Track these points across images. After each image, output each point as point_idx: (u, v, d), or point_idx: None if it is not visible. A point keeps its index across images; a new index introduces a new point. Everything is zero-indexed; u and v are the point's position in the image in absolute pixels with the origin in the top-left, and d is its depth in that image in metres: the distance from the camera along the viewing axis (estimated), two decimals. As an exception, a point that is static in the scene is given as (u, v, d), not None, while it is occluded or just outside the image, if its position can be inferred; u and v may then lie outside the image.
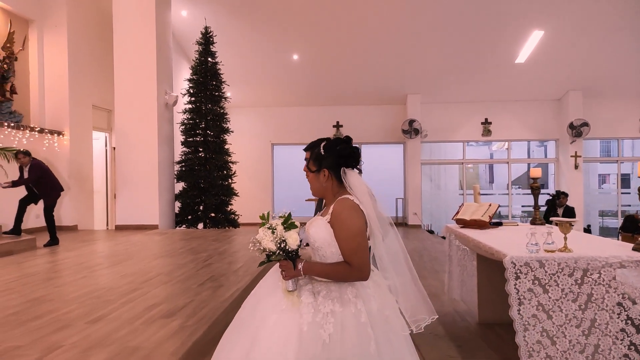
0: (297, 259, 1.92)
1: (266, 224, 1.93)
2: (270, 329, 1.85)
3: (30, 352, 2.63)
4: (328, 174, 2.03)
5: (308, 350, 1.80)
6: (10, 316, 3.38)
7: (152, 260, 5.82)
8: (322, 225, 1.96)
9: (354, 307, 1.87)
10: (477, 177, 18.25)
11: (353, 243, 1.91)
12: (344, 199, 1.96)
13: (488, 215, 4.25)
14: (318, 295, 1.92)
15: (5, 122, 8.13)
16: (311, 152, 2.07)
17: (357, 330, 1.83)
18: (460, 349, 3.68)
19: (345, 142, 2.07)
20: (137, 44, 9.53)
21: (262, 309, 1.92)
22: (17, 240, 6.47)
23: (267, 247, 1.89)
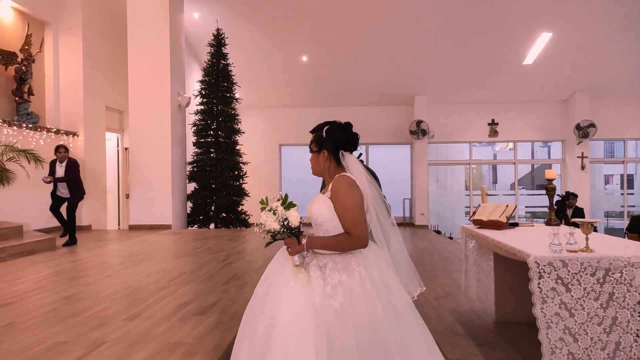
0: (300, 235, 2.08)
1: (267, 207, 2.08)
2: (285, 306, 2.00)
3: (76, 348, 2.75)
4: (327, 155, 2.22)
5: (323, 320, 1.95)
6: (48, 313, 3.50)
7: (173, 259, 5.94)
8: (323, 201, 2.14)
9: (359, 276, 2.03)
10: (481, 177, 18.34)
11: (351, 214, 2.08)
12: (341, 176, 2.15)
13: (505, 216, 4.34)
14: (325, 268, 2.08)
15: (23, 123, 8.26)
16: (315, 135, 2.27)
17: (365, 297, 1.99)
18: (480, 347, 3.77)
19: (345, 128, 2.26)
20: (151, 46, 9.66)
21: (274, 290, 2.07)
22: (39, 240, 6.60)
23: (271, 228, 2.04)
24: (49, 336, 2.97)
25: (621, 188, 16.09)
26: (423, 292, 5.04)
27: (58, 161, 7.29)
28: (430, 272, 5.98)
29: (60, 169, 7.29)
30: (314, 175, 2.32)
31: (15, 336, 2.98)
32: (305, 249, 2.09)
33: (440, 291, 4.97)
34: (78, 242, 7.52)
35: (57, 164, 7.30)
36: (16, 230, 6.71)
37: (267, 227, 2.05)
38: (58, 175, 7.25)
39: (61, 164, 7.28)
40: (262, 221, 2.07)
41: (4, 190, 6.99)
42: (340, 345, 1.93)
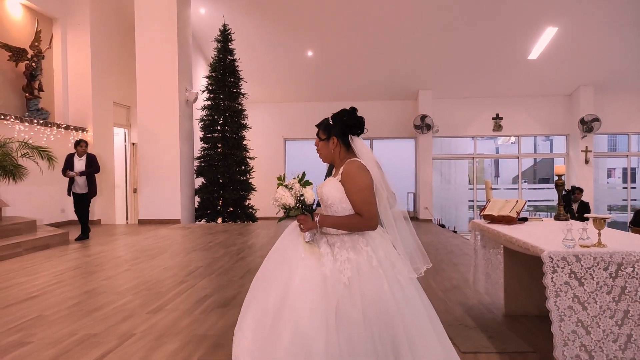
0: (313, 213, 2.18)
1: (283, 183, 2.17)
2: (299, 276, 2.12)
3: (106, 340, 2.85)
4: (337, 141, 2.29)
5: (333, 292, 2.08)
6: (73, 307, 3.60)
7: (187, 254, 6.04)
8: (334, 184, 2.23)
9: (366, 254, 2.15)
10: (483, 171, 18.42)
11: (362, 196, 2.16)
12: (352, 161, 2.23)
13: (516, 211, 4.41)
14: (334, 246, 2.20)
15: (34, 119, 8.34)
16: (320, 124, 2.35)
17: (371, 272, 2.11)
18: (491, 339, 3.86)
19: (350, 112, 2.34)
20: (159, 42, 9.71)
21: (288, 261, 2.18)
22: (52, 235, 6.70)
23: (286, 203, 2.13)
24: (78, 329, 3.07)
25: (624, 182, 16.16)
26: (431, 286, 5.15)
27: (77, 155, 7.34)
28: (436, 265, 6.06)
29: (80, 163, 7.33)
30: (325, 162, 2.40)
31: (45, 328, 3.08)
32: (318, 227, 2.19)
33: (448, 284, 5.05)
34: (90, 236, 7.63)
35: (75, 158, 7.33)
36: (30, 225, 6.81)
37: (282, 201, 2.13)
38: (77, 169, 7.29)
39: (80, 158, 7.34)
40: (278, 196, 2.15)
41: (16, 186, 7.07)
42: (348, 316, 2.05)
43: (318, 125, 2.38)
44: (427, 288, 4.73)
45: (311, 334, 2.03)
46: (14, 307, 3.62)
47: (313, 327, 2.04)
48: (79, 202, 7.43)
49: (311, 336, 2.03)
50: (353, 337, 2.04)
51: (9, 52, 8.17)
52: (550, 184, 20.03)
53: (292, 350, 2.03)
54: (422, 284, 5.05)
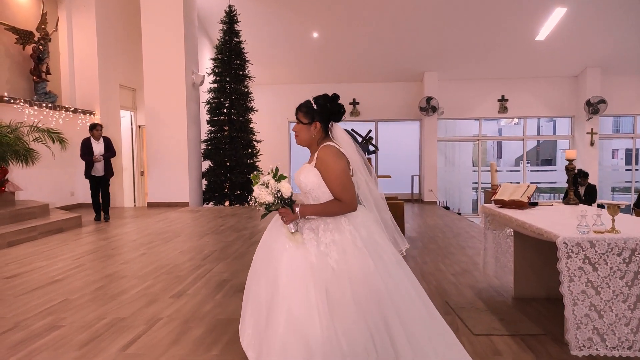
0: (293, 204, 2.23)
1: (259, 182, 2.22)
2: (286, 268, 2.18)
3: (135, 324, 2.95)
4: (319, 127, 2.32)
5: (321, 277, 2.15)
6: (97, 291, 3.70)
7: (200, 237, 6.14)
8: (310, 170, 2.28)
9: (350, 234, 2.22)
10: (485, 152, 18.42)
11: (340, 181, 2.22)
12: (326, 146, 2.28)
13: (527, 196, 4.46)
14: (317, 229, 2.26)
15: (43, 103, 8.34)
16: (302, 107, 2.34)
17: (356, 253, 2.17)
18: (502, 322, 3.95)
19: (333, 99, 2.37)
20: (165, 23, 9.62)
21: (274, 255, 2.25)
22: (66, 218, 6.79)
23: (265, 200, 2.18)
24: (105, 313, 3.16)
25: (626, 164, 16.19)
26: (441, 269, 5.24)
27: (93, 139, 7.42)
28: (444, 249, 6.13)
29: (98, 146, 7.46)
30: (301, 145, 2.40)
31: (74, 312, 3.18)
32: (299, 217, 2.24)
33: (458, 268, 5.13)
34: (102, 219, 7.74)
35: (93, 142, 7.43)
36: (43, 208, 6.89)
37: (261, 200, 2.18)
38: (97, 153, 7.42)
39: (97, 141, 7.44)
40: (256, 195, 2.20)
41: (26, 170, 7.13)
42: (338, 299, 2.12)
43: (299, 107, 2.36)
44: (436, 271, 4.85)
45: (304, 321, 2.09)
46: (40, 290, 3.72)
47: (305, 314, 2.10)
48: (100, 184, 7.60)
49: (305, 323, 2.09)
50: (346, 319, 2.10)
51: (16, 34, 8.13)
52: (552, 165, 20.07)
53: (288, 339, 2.09)
54: (431, 268, 5.15)
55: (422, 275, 4.54)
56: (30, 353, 2.51)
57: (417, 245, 6.23)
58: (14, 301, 3.44)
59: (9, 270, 4.42)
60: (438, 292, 4.02)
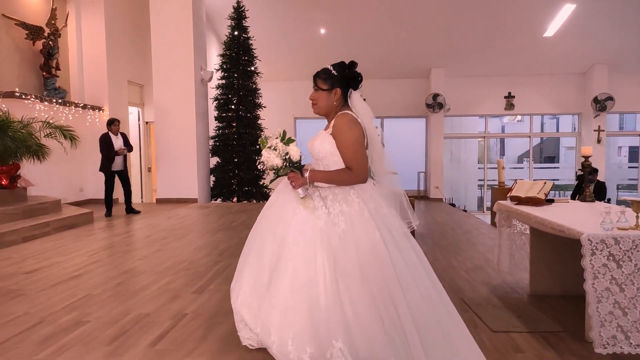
0: (302, 169, 2.23)
1: (267, 145, 2.20)
2: (294, 230, 2.19)
3: (161, 320, 2.95)
4: (340, 93, 2.31)
5: (329, 243, 2.15)
6: (118, 286, 3.71)
7: (213, 234, 6.14)
8: (325, 137, 2.28)
9: (358, 206, 2.21)
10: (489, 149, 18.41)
11: (353, 149, 2.21)
12: (344, 114, 2.27)
13: (544, 193, 4.46)
14: (326, 199, 2.26)
15: (54, 99, 8.34)
16: (320, 74, 2.35)
17: (363, 223, 2.17)
18: (520, 319, 3.94)
19: (351, 65, 2.37)
20: (174, 19, 9.61)
21: (282, 217, 2.25)
22: (78, 214, 6.80)
23: (274, 164, 2.18)
24: (130, 308, 3.17)
25: (629, 161, 16.18)
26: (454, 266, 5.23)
27: (112, 134, 7.54)
28: (455, 245, 6.13)
29: (118, 141, 7.61)
30: (318, 113, 2.39)
31: (98, 308, 3.19)
32: (308, 182, 2.22)
33: (470, 264, 5.13)
34: (113, 215, 7.77)
35: (112, 137, 7.54)
36: (55, 204, 6.90)
37: (269, 163, 2.17)
38: (117, 147, 7.57)
39: (116, 136, 7.59)
40: (264, 159, 2.20)
41: (35, 166, 7.14)
42: (344, 267, 2.12)
43: (317, 74, 2.36)
44: (449, 268, 4.85)
45: (309, 283, 2.10)
46: (61, 286, 3.74)
47: (311, 277, 2.10)
48: (120, 178, 7.79)
49: (310, 286, 2.09)
50: (351, 287, 2.09)
51: (26, 30, 8.12)
52: (554, 163, 20.03)
53: (291, 300, 2.09)
54: (444, 264, 5.15)
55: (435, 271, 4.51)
56: (60, 348, 2.52)
57: (428, 242, 6.24)
58: (36, 296, 3.46)
59: (28, 265, 4.44)
60: (452, 289, 4.03)
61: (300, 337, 2.05)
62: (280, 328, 2.09)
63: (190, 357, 2.39)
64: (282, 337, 2.08)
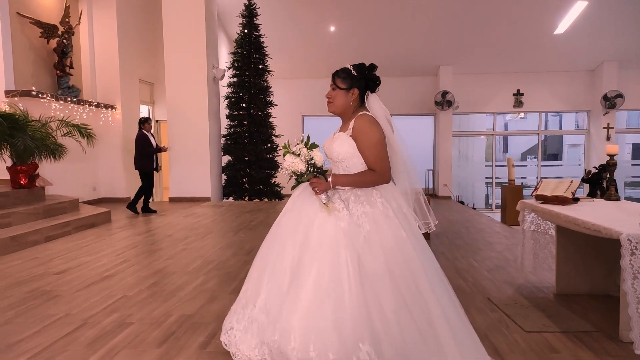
0: (325, 174, 2.22)
1: (290, 151, 2.19)
2: (317, 232, 2.17)
3: (206, 321, 2.95)
4: (357, 94, 2.32)
5: (353, 244, 2.13)
6: (152, 287, 3.71)
7: (234, 233, 6.14)
8: (345, 138, 2.26)
9: (382, 206, 2.21)
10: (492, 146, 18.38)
11: (376, 151, 2.21)
12: (363, 115, 2.27)
13: (570, 192, 4.46)
14: (348, 201, 2.24)
15: (68, 97, 8.33)
16: (339, 73, 2.35)
17: (388, 223, 2.17)
18: (551, 318, 3.93)
19: (371, 68, 2.38)
20: (186, 17, 9.60)
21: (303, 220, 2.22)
22: (97, 213, 6.80)
23: (297, 169, 2.16)
24: (170, 310, 3.17)
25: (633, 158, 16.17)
26: (474, 265, 5.22)
27: (146, 132, 7.71)
28: (472, 245, 6.12)
29: (152, 139, 7.78)
30: (333, 112, 2.38)
31: (138, 309, 3.19)
32: (331, 187, 2.22)
33: (490, 264, 5.12)
34: (129, 214, 7.78)
35: (149, 135, 7.73)
36: (73, 203, 6.90)
37: (293, 168, 2.16)
38: (154, 145, 7.74)
39: (149, 133, 7.78)
40: (288, 165, 2.18)
41: (51, 165, 7.13)
42: (370, 267, 2.09)
43: (337, 73, 2.36)
44: (470, 268, 4.84)
45: (333, 286, 2.06)
46: (95, 286, 3.74)
47: (334, 279, 2.07)
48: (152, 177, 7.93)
49: (333, 288, 2.06)
50: (378, 289, 2.06)
51: (41, 28, 8.09)
52: (557, 160, 19.99)
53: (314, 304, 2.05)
54: (464, 264, 5.13)
55: (457, 271, 4.54)
56: (110, 351, 2.52)
57: (444, 241, 6.23)
58: (72, 297, 3.46)
59: (56, 265, 4.44)
60: (477, 289, 4.02)
61: (323, 342, 2.00)
62: (302, 333, 2.03)
63: None
64: (304, 342, 2.01)
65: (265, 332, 2.14)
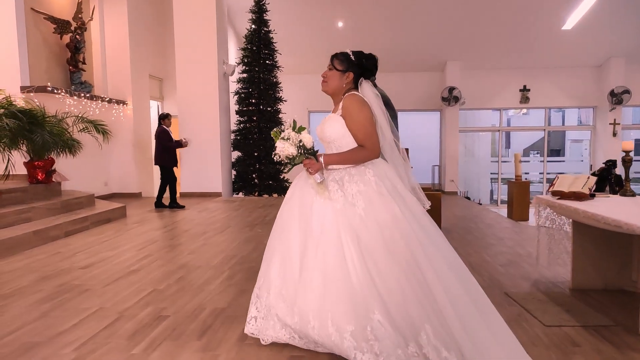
0: (316, 154, 2.31)
1: (280, 136, 2.28)
2: (316, 217, 2.28)
3: (240, 314, 2.99)
4: (352, 78, 2.44)
5: (350, 224, 2.24)
6: (180, 281, 3.77)
7: (251, 228, 6.20)
8: (336, 119, 2.37)
9: (375, 185, 2.30)
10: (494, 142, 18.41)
11: (364, 129, 2.32)
12: (352, 94, 2.38)
13: (588, 188, 4.51)
14: (342, 181, 2.33)
15: (82, 93, 8.37)
16: (338, 55, 2.47)
17: (382, 200, 2.26)
18: (569, 313, 4.00)
19: (370, 57, 2.50)
20: (197, 12, 9.61)
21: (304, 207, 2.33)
22: (113, 208, 6.86)
23: (289, 153, 2.25)
24: (202, 303, 3.24)
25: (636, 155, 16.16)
26: (487, 260, 5.27)
27: (166, 128, 7.76)
28: (483, 240, 6.16)
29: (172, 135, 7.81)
30: (325, 91, 2.50)
31: (171, 303, 3.25)
32: (324, 166, 2.31)
33: (503, 259, 5.17)
34: (142, 209, 7.84)
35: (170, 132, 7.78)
36: (89, 199, 6.96)
37: (285, 153, 2.24)
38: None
39: (169, 128, 7.85)
40: (279, 150, 2.28)
41: (64, 160, 7.17)
42: (369, 244, 2.20)
43: (336, 55, 2.48)
44: (483, 262, 4.90)
45: (339, 266, 2.18)
46: (123, 281, 3.80)
47: (339, 259, 2.18)
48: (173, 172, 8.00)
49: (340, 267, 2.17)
50: (378, 261, 2.17)
51: (54, 24, 8.12)
52: (559, 156, 20.03)
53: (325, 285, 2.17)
54: (477, 259, 5.18)
55: (471, 266, 4.59)
56: (151, 343, 2.58)
57: (455, 237, 6.28)
58: (103, 291, 3.52)
59: (80, 260, 4.50)
60: (493, 284, 4.07)
61: (339, 318, 2.14)
62: (319, 312, 2.17)
63: (287, 350, 2.40)
64: (322, 320, 2.17)
65: (286, 317, 2.28)
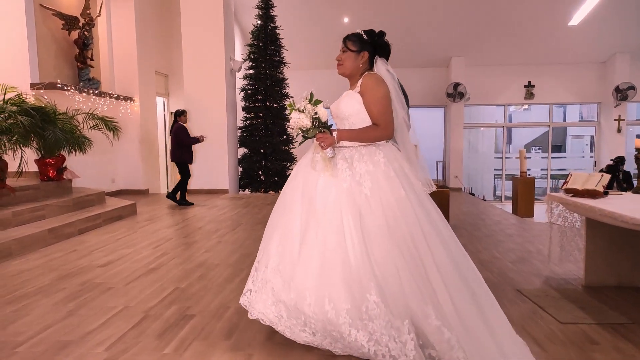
0: (330, 129, 2.34)
1: (295, 108, 2.29)
2: (320, 194, 2.29)
3: (263, 313, 3.02)
4: (367, 57, 2.45)
5: (354, 201, 2.26)
6: (201, 279, 3.80)
7: (262, 225, 6.16)
8: (353, 95, 2.40)
9: (384, 166, 2.33)
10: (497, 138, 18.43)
11: (380, 106, 2.33)
12: (371, 73, 2.42)
13: (602, 185, 4.53)
14: (352, 159, 2.35)
15: (91, 90, 8.36)
16: (350, 36, 2.48)
17: (389, 182, 2.29)
18: (584, 310, 4.02)
19: (381, 35, 2.51)
20: (204, 8, 9.57)
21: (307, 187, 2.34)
22: (124, 206, 6.87)
23: (302, 125, 2.26)
24: (226, 302, 3.26)
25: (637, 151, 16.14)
26: (497, 257, 5.30)
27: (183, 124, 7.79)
28: (492, 236, 6.17)
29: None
30: (342, 74, 2.51)
31: (195, 301, 3.28)
32: (336, 141, 2.33)
33: (513, 256, 5.19)
34: (151, 206, 7.86)
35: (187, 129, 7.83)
36: (100, 196, 6.98)
37: (299, 124, 2.25)
38: None
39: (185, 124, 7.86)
40: (293, 122, 2.29)
41: (72, 158, 7.17)
42: (371, 223, 2.23)
43: (348, 37, 2.49)
44: (494, 259, 4.92)
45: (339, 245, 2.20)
46: (144, 279, 3.82)
47: (339, 239, 2.21)
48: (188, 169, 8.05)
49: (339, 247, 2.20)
50: (379, 242, 2.20)
51: (63, 20, 8.09)
52: (561, 152, 20.03)
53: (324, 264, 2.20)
54: (487, 256, 5.19)
55: (482, 263, 4.62)
56: (182, 343, 2.60)
57: (463, 233, 6.30)
58: (126, 290, 3.54)
59: (98, 258, 4.52)
60: (505, 281, 4.09)
61: (336, 296, 2.17)
62: (317, 290, 2.20)
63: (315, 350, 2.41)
64: (319, 297, 2.19)
65: (281, 292, 2.30)
